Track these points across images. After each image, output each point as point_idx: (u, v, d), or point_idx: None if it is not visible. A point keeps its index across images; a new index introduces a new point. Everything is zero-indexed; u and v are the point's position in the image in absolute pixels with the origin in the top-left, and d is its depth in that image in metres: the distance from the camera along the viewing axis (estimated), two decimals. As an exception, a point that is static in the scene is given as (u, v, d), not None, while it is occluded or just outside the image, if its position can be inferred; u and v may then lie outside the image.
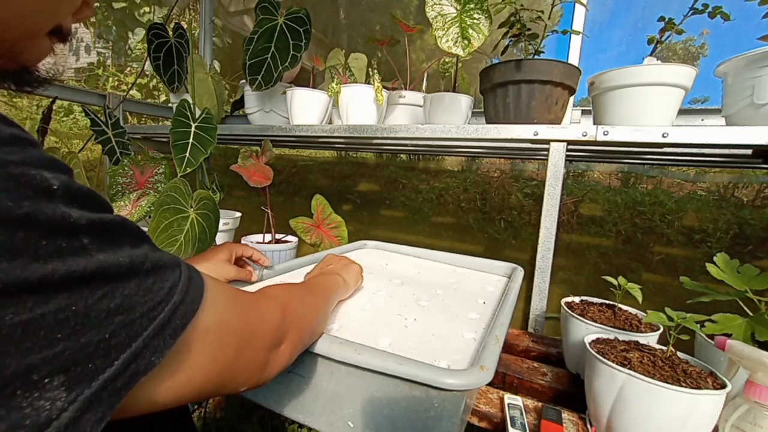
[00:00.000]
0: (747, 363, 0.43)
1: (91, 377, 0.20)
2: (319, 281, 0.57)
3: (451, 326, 0.58)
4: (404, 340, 0.52)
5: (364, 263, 0.84)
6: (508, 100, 0.85)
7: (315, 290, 0.51)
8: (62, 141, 2.92)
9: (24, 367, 0.17)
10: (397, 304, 0.66)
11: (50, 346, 0.18)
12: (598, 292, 0.75)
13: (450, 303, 0.68)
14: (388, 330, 0.55)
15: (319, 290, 0.52)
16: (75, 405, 0.19)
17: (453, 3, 0.82)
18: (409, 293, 0.71)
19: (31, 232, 0.18)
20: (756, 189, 1.24)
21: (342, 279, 0.62)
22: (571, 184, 1.46)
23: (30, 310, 0.17)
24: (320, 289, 0.53)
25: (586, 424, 0.53)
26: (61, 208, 0.20)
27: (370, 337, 0.52)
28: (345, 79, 1.17)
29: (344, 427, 0.45)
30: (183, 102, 0.95)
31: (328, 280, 0.59)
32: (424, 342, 0.52)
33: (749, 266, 0.50)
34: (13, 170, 0.18)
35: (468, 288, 0.78)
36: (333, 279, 0.60)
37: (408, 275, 0.83)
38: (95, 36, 3.71)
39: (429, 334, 0.54)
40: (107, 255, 0.21)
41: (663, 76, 0.74)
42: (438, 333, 0.55)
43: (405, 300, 0.68)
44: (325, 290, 0.54)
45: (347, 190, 1.87)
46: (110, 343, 0.21)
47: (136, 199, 0.94)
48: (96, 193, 0.23)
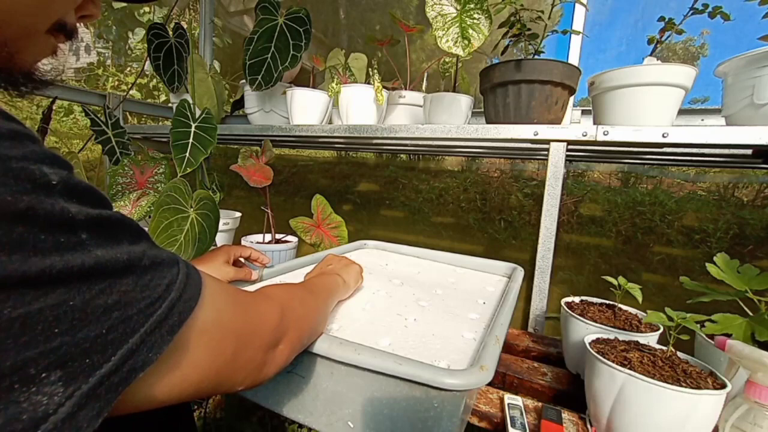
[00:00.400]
0: (747, 363, 0.43)
1: (88, 373, 0.20)
2: (318, 281, 0.56)
3: (450, 326, 0.58)
4: (404, 340, 0.52)
5: (364, 263, 0.84)
6: (508, 100, 0.85)
7: (314, 290, 0.51)
8: (62, 141, 2.92)
9: (21, 361, 0.17)
10: (396, 304, 0.66)
11: (47, 340, 0.18)
12: (598, 292, 0.76)
13: (450, 303, 0.68)
14: (388, 330, 0.55)
15: (318, 290, 0.52)
16: (72, 400, 0.19)
17: (453, 3, 0.82)
18: (409, 293, 0.71)
19: (30, 226, 0.18)
20: (756, 189, 1.24)
21: (342, 279, 0.62)
22: (571, 184, 1.46)
23: (28, 304, 0.18)
24: (319, 289, 0.53)
25: (586, 424, 0.53)
26: (60, 203, 0.20)
27: (370, 337, 0.52)
28: (345, 79, 1.17)
29: (344, 427, 0.45)
30: (183, 102, 0.95)
31: (328, 281, 0.58)
32: (424, 342, 0.52)
33: (749, 266, 0.50)
34: (13, 165, 0.18)
35: (468, 288, 0.78)
36: (333, 279, 0.60)
37: (408, 275, 0.83)
38: (95, 36, 3.71)
39: (429, 334, 0.54)
40: (105, 251, 0.21)
41: (663, 76, 0.74)
42: (438, 333, 0.55)
43: (405, 300, 0.68)
44: (325, 291, 0.54)
45: (347, 190, 1.87)
46: (107, 339, 0.21)
47: (136, 199, 0.94)
48: (95, 189, 0.23)
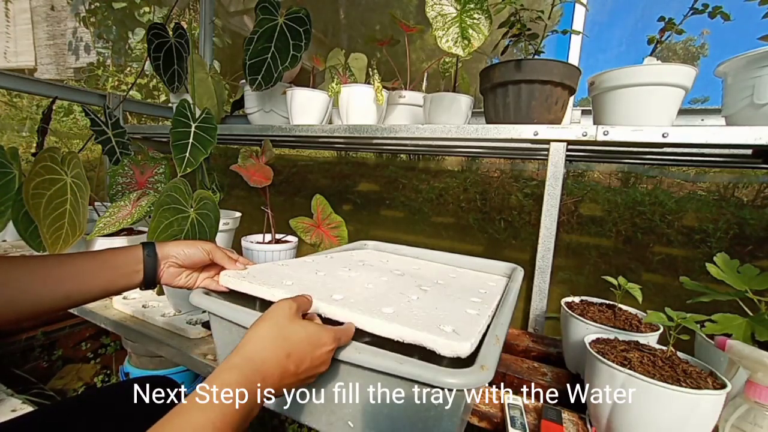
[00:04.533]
0: (747, 363, 0.43)
1: None
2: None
3: (454, 305, 0.56)
4: (408, 310, 0.51)
5: (361, 259, 0.83)
6: (508, 100, 0.85)
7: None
8: (62, 141, 2.92)
9: None
10: (399, 287, 0.64)
11: None
12: (598, 292, 0.76)
13: (451, 291, 0.66)
14: (392, 302, 0.53)
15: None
16: None
17: (453, 3, 0.82)
18: (411, 281, 0.70)
19: None
20: (756, 189, 1.24)
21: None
22: (571, 184, 1.46)
23: None
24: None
25: (586, 424, 0.53)
26: None
27: (374, 306, 0.50)
28: (345, 79, 1.17)
29: (344, 426, 0.45)
30: (183, 102, 0.94)
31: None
32: (428, 313, 0.50)
33: (749, 266, 0.50)
34: None
35: (469, 281, 0.77)
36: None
37: (408, 270, 0.83)
38: (95, 36, 3.71)
39: (432, 308, 0.53)
40: None
41: (663, 76, 0.74)
42: (441, 308, 0.53)
43: (407, 285, 0.66)
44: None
45: (347, 190, 1.87)
46: None
47: (136, 199, 0.94)
48: None
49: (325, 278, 0.62)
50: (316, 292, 0.53)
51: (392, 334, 0.39)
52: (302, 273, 0.64)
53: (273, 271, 0.63)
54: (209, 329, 0.82)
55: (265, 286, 0.55)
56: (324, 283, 0.60)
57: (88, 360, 1.62)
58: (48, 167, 0.80)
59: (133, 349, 1.24)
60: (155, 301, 0.94)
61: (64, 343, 1.66)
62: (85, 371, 1.55)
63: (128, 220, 0.88)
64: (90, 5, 3.48)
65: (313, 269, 0.68)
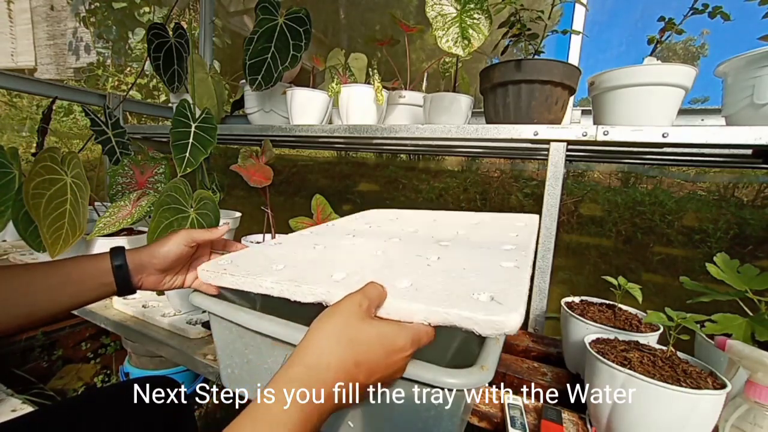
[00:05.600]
0: (747, 363, 0.43)
1: None
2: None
3: (483, 258, 0.48)
4: (429, 277, 0.42)
5: (367, 222, 0.76)
6: (508, 100, 0.85)
7: None
8: (62, 141, 2.92)
9: None
10: (413, 246, 0.55)
11: None
12: (598, 292, 0.75)
13: (476, 240, 0.57)
14: (408, 271, 0.45)
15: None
16: None
17: (453, 3, 0.82)
18: (428, 236, 0.60)
19: None
20: (756, 189, 1.24)
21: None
22: (571, 184, 1.46)
23: None
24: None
25: (586, 424, 0.53)
26: None
27: (386, 279, 0.41)
28: (345, 79, 1.17)
29: (344, 426, 0.45)
30: (183, 102, 0.94)
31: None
32: (454, 278, 0.42)
33: (749, 266, 0.50)
34: None
35: (494, 227, 0.66)
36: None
37: (422, 224, 0.71)
38: (95, 36, 3.71)
39: (458, 269, 0.44)
40: None
41: (663, 76, 0.74)
42: (469, 267, 0.45)
43: (424, 243, 0.56)
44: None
45: (347, 190, 1.88)
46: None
47: (136, 199, 0.94)
48: None
49: (324, 252, 0.54)
50: (312, 272, 0.46)
51: (414, 318, 0.33)
52: (297, 250, 0.56)
53: (260, 254, 0.55)
54: (209, 329, 0.81)
55: (250, 277, 0.46)
56: (323, 259, 0.51)
57: (88, 360, 1.62)
58: (48, 167, 0.80)
59: (133, 349, 1.24)
60: (155, 301, 0.94)
61: (64, 343, 1.66)
62: (85, 371, 1.55)
63: (128, 220, 0.88)
64: (90, 5, 3.48)
65: (310, 243, 0.59)
